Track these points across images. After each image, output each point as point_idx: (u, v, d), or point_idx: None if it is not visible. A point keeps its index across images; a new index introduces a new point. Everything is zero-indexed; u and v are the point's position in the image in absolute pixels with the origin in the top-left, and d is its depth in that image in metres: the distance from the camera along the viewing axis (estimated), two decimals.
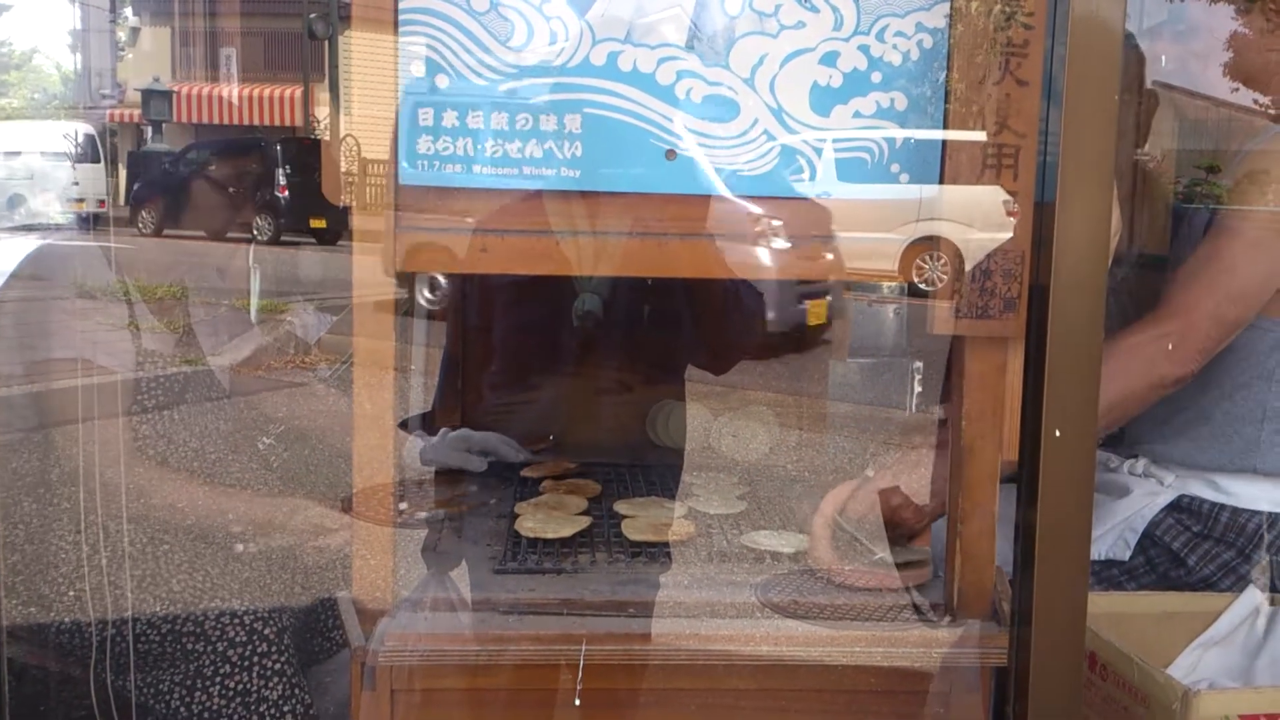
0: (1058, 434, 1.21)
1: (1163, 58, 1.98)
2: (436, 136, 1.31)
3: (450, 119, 1.31)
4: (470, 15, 1.30)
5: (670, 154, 1.33)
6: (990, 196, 1.30)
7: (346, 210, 1.32)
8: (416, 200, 1.31)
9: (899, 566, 1.48)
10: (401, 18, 1.29)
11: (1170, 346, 1.70)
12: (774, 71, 1.32)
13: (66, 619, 1.71)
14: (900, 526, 1.53)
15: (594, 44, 1.31)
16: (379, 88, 1.30)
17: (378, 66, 1.30)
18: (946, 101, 1.31)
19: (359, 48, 1.31)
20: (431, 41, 1.30)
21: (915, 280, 1.33)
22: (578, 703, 1.30)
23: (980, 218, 1.31)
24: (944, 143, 1.31)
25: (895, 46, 1.32)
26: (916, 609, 1.42)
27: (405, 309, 1.43)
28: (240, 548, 1.88)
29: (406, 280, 1.37)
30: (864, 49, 1.32)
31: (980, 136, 1.30)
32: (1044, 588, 1.23)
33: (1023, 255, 1.29)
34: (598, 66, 1.31)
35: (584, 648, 1.30)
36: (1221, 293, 1.76)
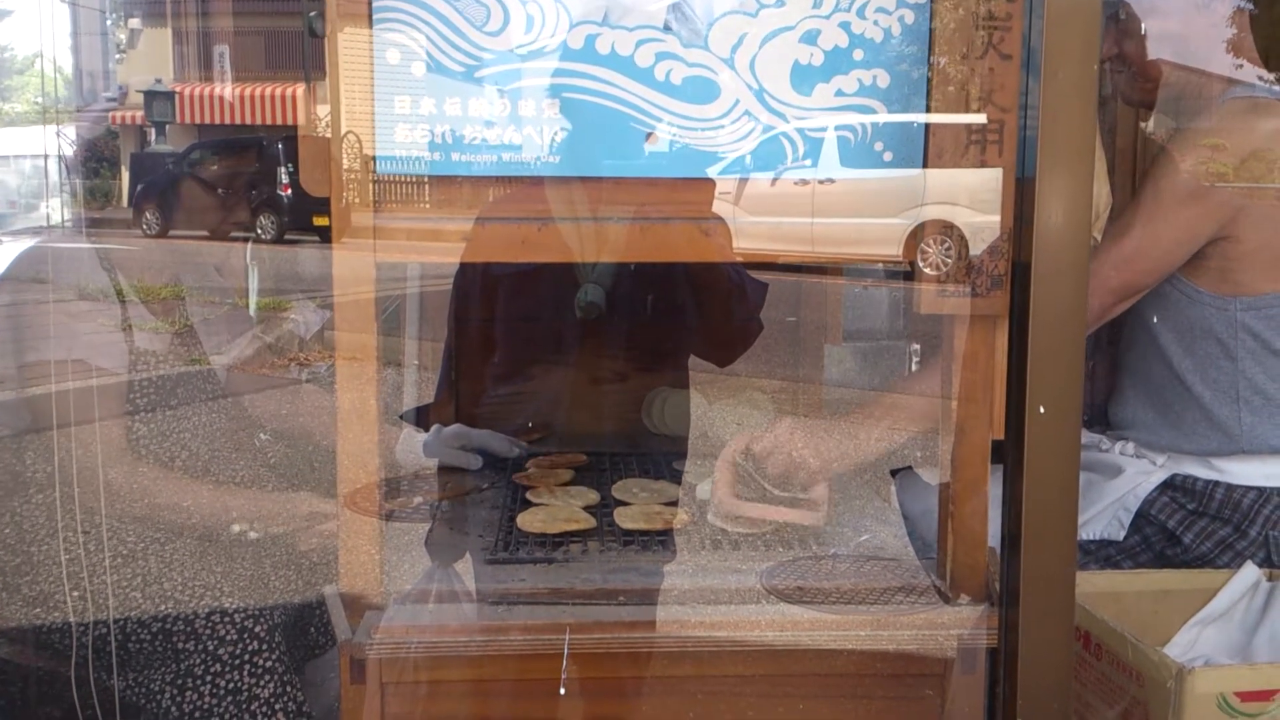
0: (1042, 410, 1.20)
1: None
2: (414, 125, 1.30)
3: (427, 106, 1.30)
4: (446, 1, 1.29)
5: (651, 137, 1.32)
6: (990, 177, 1.29)
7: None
8: (395, 190, 1.30)
9: (790, 504, 1.57)
10: (377, 5, 1.28)
11: None
12: (754, 51, 1.30)
13: (55, 618, 1.70)
14: (803, 472, 1.60)
15: (571, 27, 1.30)
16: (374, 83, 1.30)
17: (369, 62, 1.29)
18: (930, 78, 1.29)
19: (352, 43, 1.30)
20: (407, 29, 1.29)
21: (920, 264, 1.32)
22: (563, 691, 1.29)
23: (983, 199, 1.30)
24: (927, 120, 1.30)
25: (876, 23, 1.30)
26: (914, 592, 1.41)
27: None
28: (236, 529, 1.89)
29: None
30: (845, 26, 1.30)
31: (964, 116, 1.29)
32: (1031, 566, 1.22)
33: (1009, 233, 1.28)
34: (575, 50, 1.30)
35: (568, 636, 1.29)
36: (1108, 256, 1.75)
